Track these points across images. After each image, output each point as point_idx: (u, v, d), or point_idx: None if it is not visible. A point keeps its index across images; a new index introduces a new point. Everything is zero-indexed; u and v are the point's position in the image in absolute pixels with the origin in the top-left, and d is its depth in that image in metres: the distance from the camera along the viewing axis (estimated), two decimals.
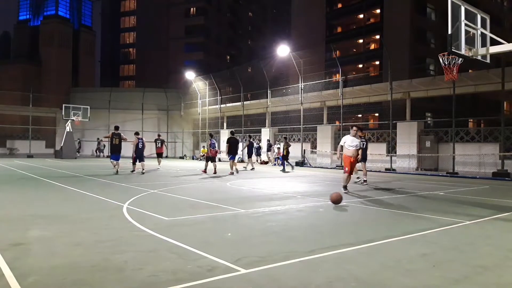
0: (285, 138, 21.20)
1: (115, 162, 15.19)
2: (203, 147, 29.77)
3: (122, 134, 15.51)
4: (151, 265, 3.70)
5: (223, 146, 32.53)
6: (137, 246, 4.43)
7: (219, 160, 29.41)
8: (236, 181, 13.12)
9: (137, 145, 15.65)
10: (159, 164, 19.90)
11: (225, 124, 34.56)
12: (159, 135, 21.40)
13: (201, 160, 25.14)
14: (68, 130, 28.80)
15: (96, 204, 7.67)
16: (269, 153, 26.76)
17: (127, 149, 34.28)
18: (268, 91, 29.03)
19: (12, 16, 77.91)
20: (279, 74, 34.32)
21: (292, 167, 19.72)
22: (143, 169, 15.62)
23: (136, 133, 16.46)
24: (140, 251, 4.21)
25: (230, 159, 16.41)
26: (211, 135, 16.97)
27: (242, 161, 29.51)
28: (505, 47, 8.40)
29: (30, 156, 29.84)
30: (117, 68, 73.32)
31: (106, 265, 3.68)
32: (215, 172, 15.71)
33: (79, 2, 77.37)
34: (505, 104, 22.67)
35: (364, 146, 12.92)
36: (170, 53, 62.12)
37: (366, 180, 12.74)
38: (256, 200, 8.43)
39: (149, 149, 35.19)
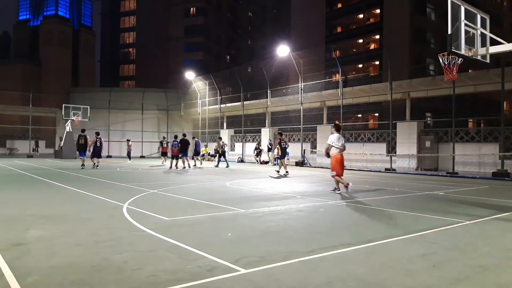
0: (220, 138, 23.67)
1: (83, 158, 18.02)
2: (205, 146, 30.06)
3: (87, 136, 18.38)
4: (151, 265, 3.70)
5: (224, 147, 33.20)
6: (137, 246, 4.43)
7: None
8: (236, 181, 13.14)
9: (95, 143, 17.85)
10: (165, 161, 23.02)
11: (225, 124, 34.55)
12: (164, 137, 24.91)
13: (201, 160, 25.38)
14: (68, 130, 28.81)
15: (96, 204, 7.67)
16: (270, 153, 26.77)
17: (121, 149, 34.15)
18: (268, 91, 29.03)
19: (12, 16, 78.13)
20: (279, 74, 34.25)
21: (227, 165, 21.72)
22: (97, 165, 17.79)
23: (97, 133, 18.55)
24: (140, 251, 4.21)
25: (182, 156, 19.45)
26: (175, 137, 20.09)
27: (242, 161, 29.63)
28: (505, 47, 8.40)
29: (30, 156, 29.85)
30: (117, 68, 73.34)
31: (106, 265, 3.69)
32: (177, 167, 19.02)
33: (79, 2, 77.48)
34: (505, 104, 22.66)
35: (286, 145, 16.81)
36: (170, 53, 62.12)
37: (288, 172, 16.01)
38: (256, 200, 8.42)
39: (149, 149, 35.75)
